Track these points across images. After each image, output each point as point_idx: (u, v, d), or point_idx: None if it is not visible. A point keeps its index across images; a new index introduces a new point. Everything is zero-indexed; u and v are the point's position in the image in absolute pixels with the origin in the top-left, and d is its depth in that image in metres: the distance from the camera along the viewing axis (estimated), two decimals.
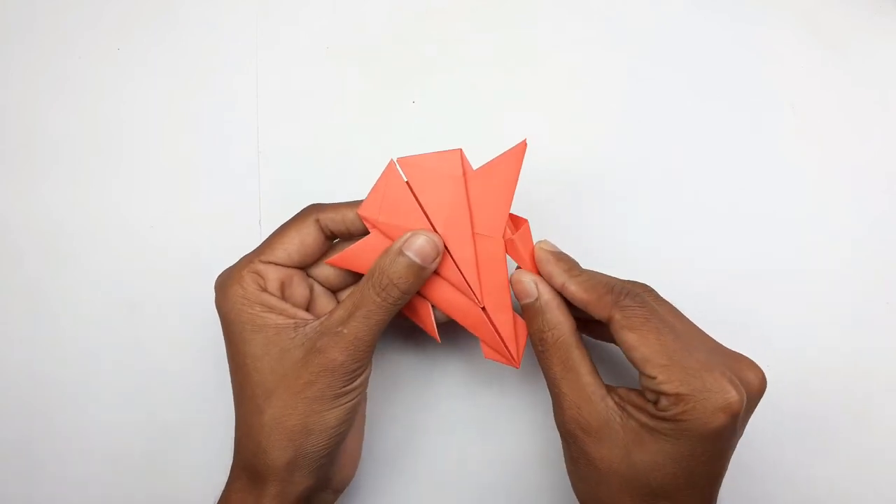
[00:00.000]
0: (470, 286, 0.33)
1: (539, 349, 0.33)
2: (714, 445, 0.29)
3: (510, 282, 0.34)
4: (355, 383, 0.32)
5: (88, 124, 0.42)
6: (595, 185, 0.41)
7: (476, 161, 0.34)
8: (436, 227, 0.33)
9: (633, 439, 0.30)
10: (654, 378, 0.30)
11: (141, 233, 0.41)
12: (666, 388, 0.29)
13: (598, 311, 0.32)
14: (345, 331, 0.31)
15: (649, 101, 0.42)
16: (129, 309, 0.41)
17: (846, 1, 0.43)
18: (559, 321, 0.32)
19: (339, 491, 0.36)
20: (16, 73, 0.42)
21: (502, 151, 0.33)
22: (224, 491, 0.33)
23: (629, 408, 0.31)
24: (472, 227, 0.33)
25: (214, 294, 0.33)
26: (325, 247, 0.35)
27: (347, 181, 0.41)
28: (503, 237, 0.33)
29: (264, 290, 0.33)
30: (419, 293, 0.34)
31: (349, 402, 0.32)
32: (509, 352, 0.34)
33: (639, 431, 0.30)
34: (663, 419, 0.29)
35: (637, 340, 0.30)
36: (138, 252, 0.41)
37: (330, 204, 0.34)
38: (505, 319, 0.34)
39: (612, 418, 0.31)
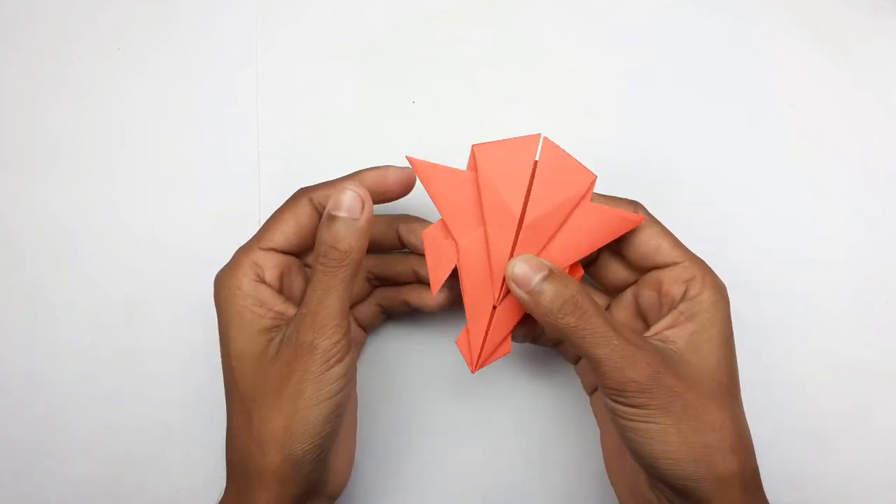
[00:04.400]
0: (493, 282, 0.33)
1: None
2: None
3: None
4: (334, 369, 0.31)
5: (88, 124, 0.42)
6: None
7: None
8: (485, 216, 0.33)
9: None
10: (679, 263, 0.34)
11: (141, 233, 0.41)
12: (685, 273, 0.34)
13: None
14: (303, 310, 0.31)
15: (649, 101, 0.42)
16: (129, 309, 0.41)
17: (846, 1, 0.43)
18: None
19: (333, 498, 0.34)
20: (16, 73, 0.42)
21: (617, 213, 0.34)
22: (221, 500, 0.33)
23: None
24: (520, 225, 0.33)
25: (213, 289, 0.33)
26: None
27: None
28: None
29: (262, 280, 0.33)
30: (457, 258, 0.33)
31: (332, 396, 0.31)
32: (479, 355, 0.34)
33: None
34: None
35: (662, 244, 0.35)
36: (138, 252, 0.41)
37: (319, 184, 0.34)
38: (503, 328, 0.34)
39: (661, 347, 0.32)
